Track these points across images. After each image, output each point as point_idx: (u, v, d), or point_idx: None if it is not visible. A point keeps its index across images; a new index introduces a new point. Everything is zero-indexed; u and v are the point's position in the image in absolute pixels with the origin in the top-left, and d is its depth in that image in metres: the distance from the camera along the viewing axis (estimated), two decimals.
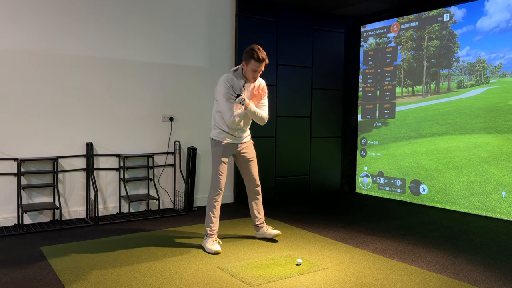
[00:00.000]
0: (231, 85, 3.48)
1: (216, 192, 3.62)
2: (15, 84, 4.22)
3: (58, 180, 4.42)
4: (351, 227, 4.37)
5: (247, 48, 3.48)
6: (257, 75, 3.52)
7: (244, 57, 3.49)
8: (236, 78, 3.53)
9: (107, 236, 3.95)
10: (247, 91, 3.58)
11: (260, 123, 3.61)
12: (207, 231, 3.62)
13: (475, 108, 5.07)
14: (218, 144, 3.61)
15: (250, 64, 3.44)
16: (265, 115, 3.60)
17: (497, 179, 4.78)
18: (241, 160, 3.74)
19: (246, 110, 3.49)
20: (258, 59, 3.41)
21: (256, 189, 3.81)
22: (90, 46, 4.58)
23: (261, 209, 3.88)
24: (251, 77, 3.51)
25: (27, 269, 3.09)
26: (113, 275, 2.98)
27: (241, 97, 3.47)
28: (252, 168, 3.76)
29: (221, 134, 3.60)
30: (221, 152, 3.60)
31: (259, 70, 3.48)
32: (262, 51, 3.44)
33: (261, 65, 3.45)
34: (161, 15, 4.99)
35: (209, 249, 3.51)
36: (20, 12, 4.21)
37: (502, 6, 4.80)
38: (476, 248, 3.70)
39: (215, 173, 3.62)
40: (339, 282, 2.92)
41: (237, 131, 3.61)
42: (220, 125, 3.59)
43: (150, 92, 4.98)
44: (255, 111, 3.52)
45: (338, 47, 6.40)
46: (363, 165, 6.36)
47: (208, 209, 3.66)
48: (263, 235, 3.88)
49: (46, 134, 4.39)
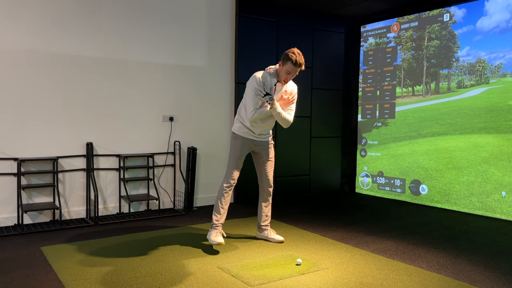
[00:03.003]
0: (263, 82, 3.51)
1: (228, 183, 3.67)
2: (15, 84, 4.22)
3: (58, 180, 4.42)
4: (351, 227, 4.37)
5: (288, 49, 3.52)
6: (290, 77, 3.55)
7: (282, 57, 3.52)
8: (269, 76, 3.56)
9: (107, 236, 3.94)
10: (277, 92, 3.60)
11: (284, 125, 3.63)
12: (213, 221, 3.65)
13: (475, 108, 5.07)
14: (237, 138, 3.67)
15: (286, 65, 3.47)
16: (290, 118, 3.61)
17: (497, 179, 4.78)
18: (258, 158, 3.79)
19: (271, 110, 3.51)
20: (295, 62, 3.44)
21: (269, 190, 3.84)
22: (90, 46, 4.58)
23: (269, 211, 3.90)
24: (283, 78, 3.53)
25: (27, 269, 3.09)
26: (113, 275, 2.98)
27: (270, 95, 3.49)
28: (268, 168, 3.80)
29: (241, 129, 3.64)
30: (239, 146, 3.65)
31: (293, 73, 3.51)
32: (301, 56, 3.48)
33: (296, 69, 3.48)
34: (161, 15, 4.99)
35: (213, 240, 3.53)
36: (20, 12, 4.21)
37: (502, 6, 4.80)
38: (476, 248, 3.70)
39: (230, 165, 3.68)
40: (339, 282, 2.92)
41: (258, 129, 3.63)
42: (243, 119, 3.63)
43: (150, 92, 4.98)
44: (280, 112, 3.54)
45: (338, 47, 6.40)
46: (363, 165, 6.36)
47: (217, 197, 3.70)
48: (265, 238, 3.89)
49: (46, 134, 4.39)
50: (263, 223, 3.88)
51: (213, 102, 5.42)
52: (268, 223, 3.90)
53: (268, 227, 3.90)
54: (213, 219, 3.66)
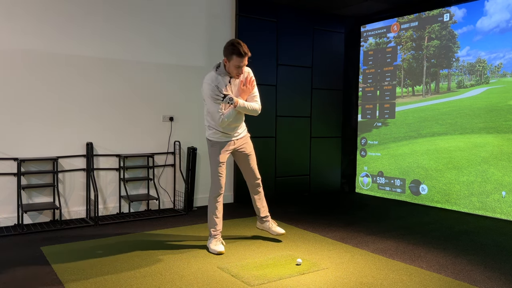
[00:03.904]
0: (216, 85, 3.36)
1: (216, 193, 3.58)
2: (15, 84, 4.22)
3: (58, 180, 4.42)
4: (351, 227, 4.37)
5: (226, 43, 3.35)
6: (241, 70, 3.38)
7: (224, 54, 3.34)
8: (220, 76, 3.40)
9: (107, 236, 3.94)
10: (234, 86, 3.46)
11: (254, 114, 3.53)
12: (211, 232, 3.60)
13: (475, 108, 5.07)
14: (214, 144, 3.55)
15: (233, 61, 3.30)
16: (257, 107, 3.50)
17: (497, 179, 4.78)
18: (239, 156, 3.69)
19: (236, 108, 3.39)
20: (240, 54, 3.28)
21: (257, 182, 3.76)
22: (90, 47, 4.58)
23: (263, 201, 3.82)
24: (235, 73, 3.38)
25: (27, 269, 3.09)
26: (113, 275, 2.98)
27: (228, 96, 3.35)
28: (252, 163, 3.70)
29: (216, 134, 3.52)
30: (219, 152, 3.54)
31: (242, 65, 3.35)
32: (243, 44, 3.31)
33: (243, 59, 3.31)
34: (161, 15, 4.99)
35: (213, 249, 3.50)
36: (18, 13, 4.21)
37: (502, 6, 4.80)
38: (476, 248, 3.70)
39: (214, 174, 3.57)
40: (339, 282, 2.92)
41: (231, 128, 3.52)
42: (213, 125, 3.50)
43: (150, 92, 4.98)
44: (245, 106, 3.42)
45: (338, 47, 6.40)
46: (363, 165, 6.36)
47: (210, 211, 3.62)
48: (267, 230, 3.84)
49: (46, 134, 4.39)
50: (262, 215, 3.83)
51: None
52: (268, 214, 3.85)
53: (269, 218, 3.85)
54: (211, 230, 3.60)
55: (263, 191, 3.85)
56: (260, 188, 3.81)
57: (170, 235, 4.03)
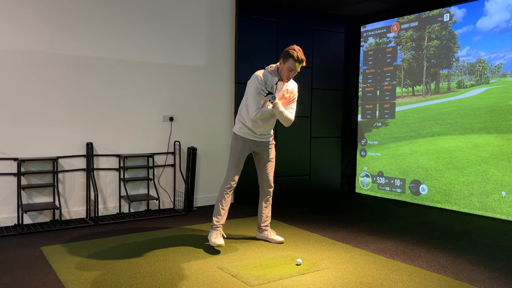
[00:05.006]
0: (264, 81, 3.48)
1: (228, 184, 3.64)
2: (15, 84, 4.22)
3: (58, 180, 4.42)
4: (351, 227, 4.37)
5: (288, 47, 3.49)
6: (292, 75, 3.52)
7: (282, 55, 3.49)
8: (270, 75, 3.53)
9: (107, 236, 3.94)
10: (278, 91, 3.57)
11: (286, 124, 3.60)
12: (214, 222, 3.64)
13: (475, 108, 5.07)
14: (238, 139, 3.64)
15: (288, 63, 3.45)
16: (291, 117, 3.58)
17: (497, 179, 4.78)
18: (259, 159, 3.77)
19: (274, 109, 3.47)
20: (297, 59, 3.42)
21: (269, 190, 3.83)
22: (90, 46, 4.58)
23: (269, 212, 3.89)
24: (286, 76, 3.51)
25: (27, 269, 3.09)
26: (113, 275, 2.98)
27: (272, 94, 3.46)
28: (269, 169, 3.78)
29: (242, 129, 3.61)
30: (240, 147, 3.62)
31: (295, 70, 3.48)
32: (301, 52, 3.46)
33: (298, 65, 3.46)
34: (161, 15, 4.99)
35: (213, 242, 3.53)
36: (20, 12, 4.21)
37: (502, 6, 4.80)
38: (476, 248, 3.70)
39: (231, 166, 3.65)
40: (339, 282, 2.92)
41: (260, 129, 3.60)
42: (244, 119, 3.60)
43: (150, 92, 4.98)
44: (283, 111, 3.50)
45: (338, 47, 6.40)
46: (363, 165, 6.36)
47: (218, 199, 3.68)
48: (265, 239, 3.88)
49: (46, 134, 4.39)
50: (263, 224, 3.87)
51: (213, 102, 5.42)
52: (268, 223, 3.90)
53: (268, 228, 3.89)
54: (214, 220, 3.65)
55: (271, 201, 3.90)
56: (271, 197, 3.87)
57: (170, 235, 4.03)
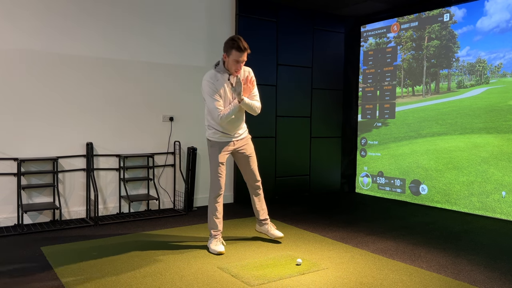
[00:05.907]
0: (213, 83, 3.36)
1: (216, 194, 3.57)
2: (15, 84, 4.22)
3: (58, 180, 4.42)
4: (351, 227, 4.37)
5: (227, 39, 3.37)
6: (240, 66, 3.39)
7: (224, 49, 3.36)
8: (219, 73, 3.42)
9: (107, 236, 3.94)
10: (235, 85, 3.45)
11: (254, 113, 3.53)
12: (211, 232, 3.60)
13: (475, 108, 5.07)
14: (214, 145, 3.54)
15: (232, 55, 3.31)
16: (258, 105, 3.51)
17: (497, 179, 4.78)
18: (239, 157, 3.67)
19: (241, 103, 3.39)
20: (239, 48, 3.29)
21: (257, 184, 3.76)
22: (90, 47, 4.58)
23: (263, 204, 3.82)
24: (234, 69, 3.39)
25: (27, 269, 3.09)
26: (113, 275, 2.98)
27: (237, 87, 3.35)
28: (252, 164, 3.69)
29: (216, 134, 3.51)
30: (218, 152, 3.53)
31: (241, 61, 3.35)
32: (242, 40, 3.32)
33: (243, 54, 3.32)
34: (161, 15, 4.99)
35: (213, 249, 3.49)
36: (19, 13, 4.21)
37: (502, 6, 4.80)
38: (476, 248, 3.70)
39: (214, 174, 3.55)
40: (339, 282, 2.92)
41: (232, 128, 3.51)
42: (213, 124, 3.50)
43: (150, 92, 4.98)
44: (249, 103, 3.42)
45: (338, 47, 6.40)
46: (363, 165, 6.36)
47: (210, 212, 3.61)
48: (265, 233, 3.85)
49: (46, 134, 4.39)
50: (261, 217, 3.83)
51: None
52: (267, 216, 3.85)
53: (268, 221, 3.85)
54: (211, 231, 3.60)
55: (263, 194, 3.84)
56: (260, 190, 3.81)
57: (170, 235, 4.03)
